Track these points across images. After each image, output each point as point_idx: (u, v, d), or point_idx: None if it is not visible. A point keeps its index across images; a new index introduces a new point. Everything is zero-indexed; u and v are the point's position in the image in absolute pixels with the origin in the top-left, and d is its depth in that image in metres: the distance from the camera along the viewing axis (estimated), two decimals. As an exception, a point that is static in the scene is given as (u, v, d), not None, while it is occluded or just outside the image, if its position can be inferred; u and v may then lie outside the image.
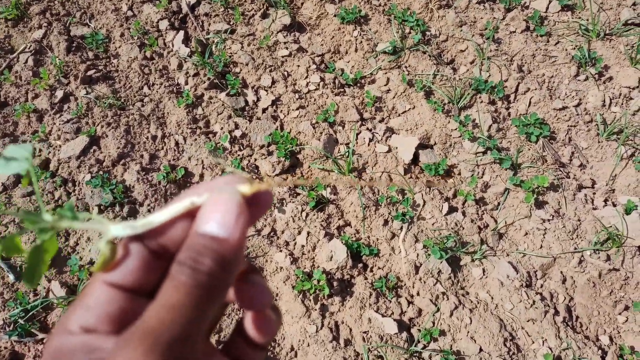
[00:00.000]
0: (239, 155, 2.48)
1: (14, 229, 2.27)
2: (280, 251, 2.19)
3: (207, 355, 0.42)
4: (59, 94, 2.74)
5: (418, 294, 2.07)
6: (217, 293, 0.36)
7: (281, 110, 2.65)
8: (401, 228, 2.21)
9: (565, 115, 2.48)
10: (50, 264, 2.19)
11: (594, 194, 2.29)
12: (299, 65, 2.79)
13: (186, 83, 2.80)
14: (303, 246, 2.21)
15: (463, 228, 2.21)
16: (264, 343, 0.45)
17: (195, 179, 2.44)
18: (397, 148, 2.44)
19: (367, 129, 2.53)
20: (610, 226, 2.11)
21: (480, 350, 1.92)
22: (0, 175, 2.43)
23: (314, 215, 2.27)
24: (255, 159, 2.48)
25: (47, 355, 0.37)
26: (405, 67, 2.75)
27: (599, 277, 2.03)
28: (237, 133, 2.55)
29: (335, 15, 2.94)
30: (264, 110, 2.66)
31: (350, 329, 2.00)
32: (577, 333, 1.95)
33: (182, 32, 2.99)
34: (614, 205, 2.22)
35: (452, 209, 2.26)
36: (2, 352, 1.99)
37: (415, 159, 2.43)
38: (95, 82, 2.81)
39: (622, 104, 2.53)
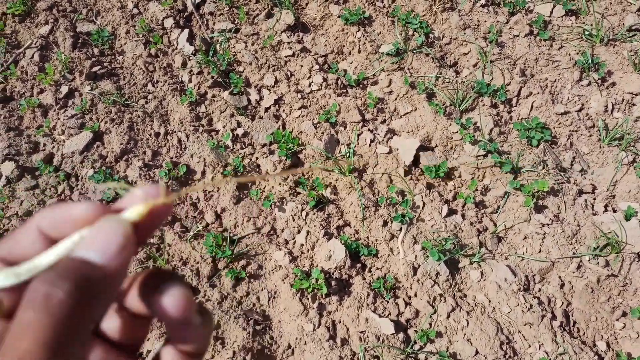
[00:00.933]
0: (240, 153, 2.50)
1: (16, 222, 2.29)
2: (280, 249, 2.20)
3: None
4: (64, 89, 2.76)
5: (416, 295, 2.07)
6: (76, 331, 0.28)
7: (283, 110, 2.66)
8: (400, 229, 2.22)
9: (567, 120, 2.48)
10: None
11: (594, 199, 2.29)
12: (302, 65, 2.80)
13: (190, 81, 2.81)
14: (302, 245, 2.22)
15: (462, 230, 2.21)
16: (196, 352, 0.39)
17: (197, 177, 2.45)
18: (397, 149, 2.45)
19: (369, 130, 2.54)
20: (610, 232, 2.11)
21: (477, 353, 1.92)
22: (5, 168, 2.45)
23: (314, 214, 2.28)
24: (257, 158, 2.49)
25: None
26: (408, 69, 2.75)
27: (598, 282, 2.03)
28: (240, 131, 2.57)
29: (339, 16, 2.95)
30: (266, 110, 2.67)
31: (347, 329, 2.01)
32: (574, 338, 1.96)
33: (186, 31, 3.00)
34: (614, 211, 2.22)
35: (451, 212, 2.27)
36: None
37: (415, 161, 2.44)
38: (100, 79, 2.83)
39: (624, 109, 2.53)
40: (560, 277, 2.08)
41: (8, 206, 2.36)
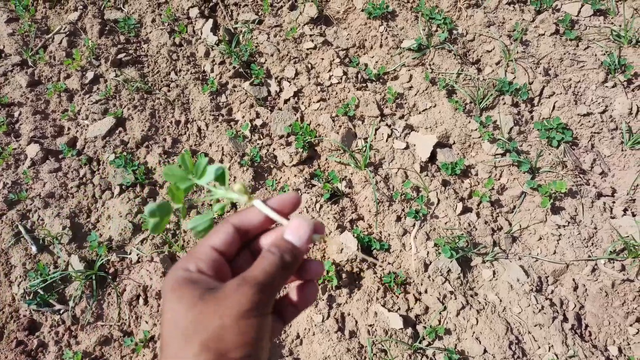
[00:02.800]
0: (258, 144, 2.52)
1: (39, 203, 2.36)
2: (292, 240, 2.22)
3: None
4: (90, 75, 2.83)
5: (426, 291, 2.07)
6: (289, 272, 0.59)
7: (302, 102, 2.67)
8: (413, 225, 2.21)
9: (589, 121, 2.44)
10: (71, 239, 2.27)
11: (614, 202, 2.24)
12: (323, 58, 2.81)
13: (212, 71, 2.85)
14: (315, 237, 2.23)
15: (476, 229, 2.20)
16: (302, 307, 0.65)
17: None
18: (415, 145, 2.44)
19: (387, 124, 2.53)
20: (627, 236, 2.08)
21: (485, 351, 1.92)
22: (30, 150, 2.52)
23: (328, 207, 2.29)
24: (274, 149, 2.51)
25: (174, 282, 0.55)
26: (430, 65, 2.74)
27: (612, 286, 2.00)
28: (258, 122, 2.59)
29: (362, 10, 2.95)
30: (285, 101, 2.69)
31: (356, 321, 2.02)
32: (585, 341, 1.93)
33: (211, 21, 3.04)
34: (634, 215, 2.18)
35: (466, 209, 2.25)
36: (21, 320, 2.08)
37: (432, 158, 2.43)
38: (125, 66, 2.88)
39: (650, 113, 2.47)
40: (574, 279, 2.06)
41: (32, 187, 2.43)
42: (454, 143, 2.47)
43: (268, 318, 0.55)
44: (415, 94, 2.64)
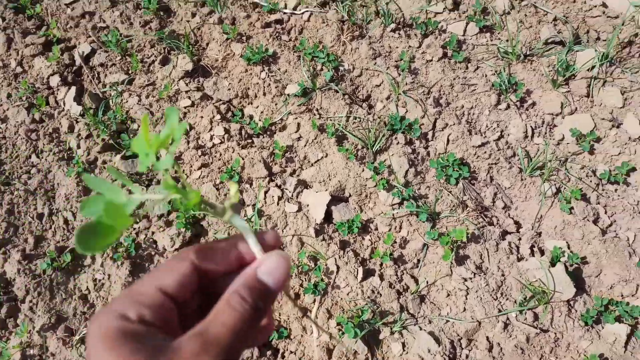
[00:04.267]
0: (134, 229, 2.24)
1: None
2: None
3: None
4: None
5: (333, 379, 1.86)
6: (260, 321, 0.48)
7: (183, 170, 2.41)
8: (314, 301, 2.00)
9: (485, 152, 2.31)
10: None
11: (519, 239, 2.11)
12: (202, 117, 2.55)
13: (78, 147, 2.53)
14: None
15: (381, 295, 2.01)
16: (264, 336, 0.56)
17: (87, 262, 2.18)
18: (308, 206, 2.23)
19: (276, 185, 2.31)
20: (536, 280, 1.94)
21: None
22: None
23: (218, 293, 2.04)
24: (153, 232, 2.24)
25: (107, 332, 0.41)
26: (317, 109, 2.53)
27: (527, 341, 1.86)
28: (134, 202, 2.30)
29: (241, 56, 2.71)
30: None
31: None
32: (506, 408, 1.78)
33: (74, 88, 2.71)
34: (542, 253, 2.05)
35: (368, 273, 2.06)
36: None
37: (328, 217, 2.22)
38: (-23, 154, 2.52)
39: (545, 133, 2.37)
40: (487, 338, 1.90)
41: None
42: (350, 195, 2.28)
43: None
44: (305, 145, 2.43)
